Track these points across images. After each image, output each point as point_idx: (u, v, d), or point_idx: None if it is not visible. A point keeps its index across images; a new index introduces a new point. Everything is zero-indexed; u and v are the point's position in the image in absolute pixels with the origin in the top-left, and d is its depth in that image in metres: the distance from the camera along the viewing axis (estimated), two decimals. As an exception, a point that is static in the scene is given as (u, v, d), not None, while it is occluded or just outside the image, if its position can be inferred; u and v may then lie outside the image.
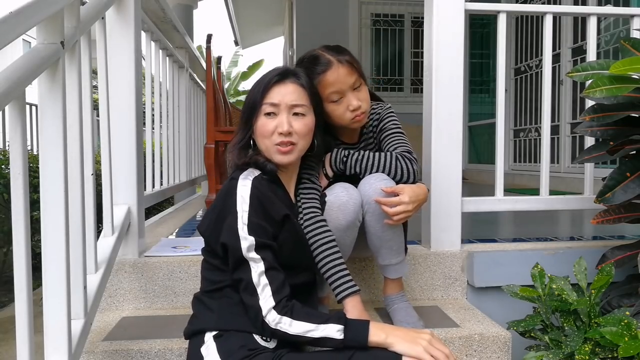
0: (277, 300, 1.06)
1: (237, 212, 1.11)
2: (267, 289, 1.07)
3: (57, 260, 1.01)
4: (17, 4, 0.84)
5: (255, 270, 1.08)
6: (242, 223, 1.10)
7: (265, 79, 1.22)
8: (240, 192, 1.13)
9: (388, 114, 1.49)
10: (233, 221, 1.10)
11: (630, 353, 1.13)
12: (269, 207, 1.14)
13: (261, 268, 1.08)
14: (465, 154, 6.02)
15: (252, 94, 1.23)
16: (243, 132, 1.24)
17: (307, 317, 1.06)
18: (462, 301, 1.74)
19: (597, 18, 1.93)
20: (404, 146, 1.42)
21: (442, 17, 1.76)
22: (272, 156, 1.21)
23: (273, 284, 1.08)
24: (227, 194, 1.15)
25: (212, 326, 1.13)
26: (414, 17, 6.19)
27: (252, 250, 1.09)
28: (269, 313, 1.05)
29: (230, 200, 1.13)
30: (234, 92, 15.33)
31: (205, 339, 1.12)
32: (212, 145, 3.10)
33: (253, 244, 1.09)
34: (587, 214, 2.59)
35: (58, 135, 1.00)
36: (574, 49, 4.30)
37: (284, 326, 1.05)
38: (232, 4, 7.35)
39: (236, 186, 1.14)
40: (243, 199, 1.12)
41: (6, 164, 3.77)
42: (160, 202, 4.04)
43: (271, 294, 1.07)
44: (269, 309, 1.05)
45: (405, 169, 1.36)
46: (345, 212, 1.30)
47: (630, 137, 1.53)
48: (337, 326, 1.04)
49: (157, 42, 2.45)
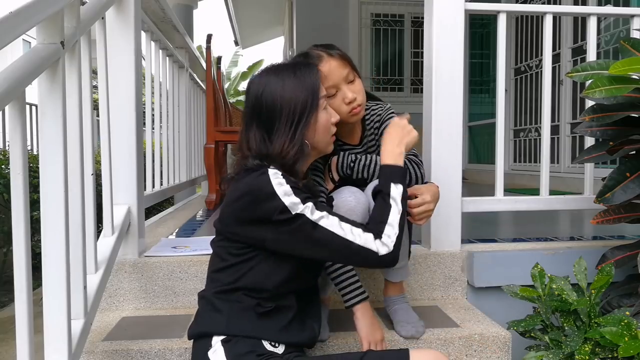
0: (368, 230, 1.08)
1: (281, 198, 1.05)
2: (356, 230, 1.07)
3: (57, 260, 1.01)
4: (17, 4, 0.84)
5: (332, 225, 1.06)
6: (291, 203, 1.04)
7: (312, 76, 1.17)
8: (274, 181, 1.07)
9: (389, 115, 1.48)
10: (281, 209, 1.04)
11: (630, 353, 1.13)
12: (307, 186, 1.15)
13: (336, 220, 1.06)
14: (465, 154, 6.02)
15: (298, 95, 1.14)
16: (291, 139, 1.13)
17: (381, 214, 1.11)
18: (462, 301, 1.74)
19: (597, 18, 1.93)
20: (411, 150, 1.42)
21: (442, 17, 1.76)
22: (329, 147, 1.22)
23: (354, 222, 1.08)
24: (261, 190, 1.07)
25: (221, 330, 1.09)
26: (414, 17, 6.19)
27: (315, 211, 1.05)
28: (376, 244, 1.06)
29: (267, 193, 1.06)
30: (234, 92, 15.34)
31: (213, 343, 1.09)
32: (212, 145, 3.10)
33: (313, 207, 1.05)
34: (587, 214, 2.59)
35: (58, 135, 1.00)
36: (574, 49, 4.30)
37: (389, 240, 1.08)
38: (232, 4, 7.35)
39: (269, 179, 1.07)
40: (281, 186, 1.06)
41: (6, 164, 3.77)
42: (160, 202, 4.05)
43: (362, 230, 1.07)
44: (373, 243, 1.06)
45: (413, 173, 1.36)
46: (352, 216, 1.29)
47: (629, 137, 1.53)
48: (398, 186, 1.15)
49: (157, 42, 2.45)
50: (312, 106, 1.15)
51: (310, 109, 1.14)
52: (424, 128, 1.84)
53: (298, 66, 1.19)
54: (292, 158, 1.12)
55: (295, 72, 1.16)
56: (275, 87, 1.14)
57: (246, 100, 1.20)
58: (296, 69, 1.17)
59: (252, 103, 1.16)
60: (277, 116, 1.13)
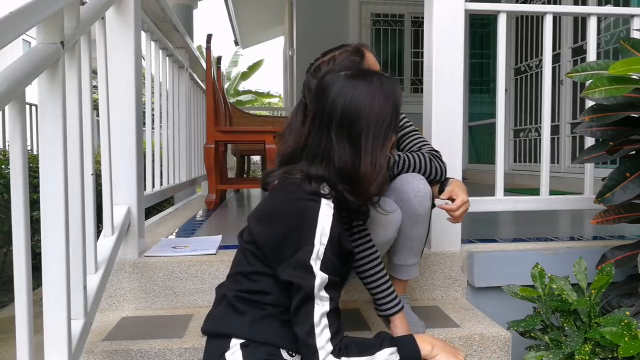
0: (335, 344, 1.00)
1: (315, 245, 1.00)
2: (326, 332, 1.00)
3: (57, 260, 1.01)
4: (17, 4, 0.84)
5: (319, 309, 1.00)
6: (316, 257, 1.00)
7: (397, 90, 1.09)
8: (322, 222, 1.01)
9: (404, 121, 1.52)
10: (307, 253, 1.00)
11: (630, 353, 1.13)
12: (343, 242, 1.06)
13: (326, 308, 1.00)
14: (465, 154, 6.02)
15: (387, 111, 1.06)
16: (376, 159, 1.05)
17: (361, 350, 1.02)
18: (462, 301, 1.74)
19: (597, 18, 1.93)
20: (428, 144, 1.46)
21: (442, 17, 1.76)
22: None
23: (332, 326, 1.01)
24: (306, 218, 1.01)
25: (242, 334, 1.06)
26: (414, 17, 6.19)
27: (322, 289, 1.00)
28: (327, 357, 0.99)
29: (308, 227, 1.01)
30: (234, 92, 15.34)
31: (231, 345, 1.06)
32: (212, 145, 3.10)
33: (326, 282, 1.00)
34: (587, 214, 2.59)
35: (58, 135, 1.00)
36: (574, 49, 4.30)
37: None
38: (232, 4, 7.35)
39: (318, 212, 1.02)
40: (323, 231, 1.01)
41: (6, 164, 3.77)
42: (160, 202, 4.05)
43: (330, 338, 1.00)
44: (327, 353, 0.99)
45: (439, 168, 1.39)
46: (387, 229, 1.31)
47: (629, 137, 1.53)
48: (390, 349, 1.03)
49: (157, 42, 2.45)
50: (394, 124, 1.07)
51: (392, 127, 1.07)
52: (424, 128, 1.84)
53: (383, 77, 1.09)
54: (382, 177, 1.05)
55: (382, 83, 1.07)
56: (361, 97, 1.04)
57: (318, 104, 1.08)
58: (382, 79, 1.08)
59: (330, 109, 1.05)
60: (367, 129, 1.04)
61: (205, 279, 1.64)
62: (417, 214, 1.34)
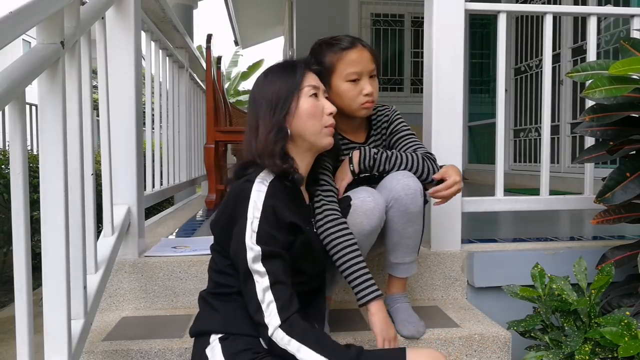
0: (284, 318, 1.01)
1: (247, 218, 1.05)
2: (273, 306, 1.01)
3: (57, 260, 1.01)
4: (17, 4, 0.84)
5: (259, 284, 1.03)
6: (250, 231, 1.04)
7: (293, 69, 1.19)
8: (253, 197, 1.07)
9: (397, 117, 1.54)
10: (242, 228, 1.05)
11: (630, 353, 1.13)
12: (283, 215, 1.08)
13: (266, 283, 1.02)
14: (465, 154, 6.01)
15: (275, 86, 1.17)
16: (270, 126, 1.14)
17: (319, 345, 1.00)
18: (462, 301, 1.74)
19: (597, 18, 1.93)
20: (422, 147, 1.47)
21: (442, 17, 1.76)
22: (321, 139, 1.18)
23: (279, 300, 1.02)
24: (240, 198, 1.08)
25: (217, 328, 1.11)
26: (414, 17, 6.19)
27: (257, 262, 1.03)
28: (275, 331, 1.00)
29: (243, 205, 1.07)
30: (234, 92, 15.34)
31: (211, 340, 1.10)
32: (212, 146, 3.10)
33: (259, 255, 1.03)
34: (587, 214, 2.59)
35: (58, 135, 1.00)
36: (574, 49, 4.29)
37: (291, 349, 1.00)
38: (232, 4, 7.35)
39: (250, 190, 1.08)
40: (255, 205, 1.06)
41: (6, 164, 3.77)
42: (160, 202, 4.05)
43: (277, 311, 1.01)
44: (275, 327, 1.00)
45: (431, 168, 1.40)
46: (371, 217, 1.30)
47: (629, 137, 1.53)
48: None
49: (157, 42, 2.45)
50: (290, 91, 1.15)
51: (288, 94, 1.15)
52: (424, 128, 1.84)
53: (283, 64, 1.21)
54: (272, 142, 1.12)
55: (279, 69, 1.19)
56: (258, 86, 1.19)
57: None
58: (280, 66, 1.20)
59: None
60: (259, 112, 1.16)
61: (205, 279, 1.63)
62: (410, 212, 1.34)
